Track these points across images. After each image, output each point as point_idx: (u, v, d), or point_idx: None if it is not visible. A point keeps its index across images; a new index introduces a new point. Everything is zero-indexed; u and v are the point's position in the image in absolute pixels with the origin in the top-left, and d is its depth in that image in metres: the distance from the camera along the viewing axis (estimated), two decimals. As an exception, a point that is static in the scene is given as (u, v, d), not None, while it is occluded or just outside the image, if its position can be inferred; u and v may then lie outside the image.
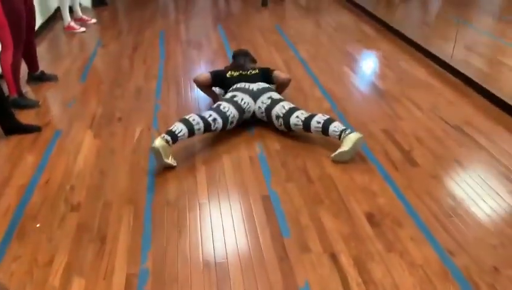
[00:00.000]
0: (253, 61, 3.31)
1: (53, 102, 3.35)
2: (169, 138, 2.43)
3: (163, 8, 5.97)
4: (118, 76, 3.76)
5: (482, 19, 5.45)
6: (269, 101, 2.77)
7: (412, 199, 2.22)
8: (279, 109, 2.71)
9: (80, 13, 5.31)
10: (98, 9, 6.02)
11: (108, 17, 5.70)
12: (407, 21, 5.26)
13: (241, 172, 2.44)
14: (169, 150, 2.44)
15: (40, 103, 3.27)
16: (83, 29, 4.99)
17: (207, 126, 2.57)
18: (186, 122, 2.52)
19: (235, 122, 2.72)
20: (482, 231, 2.01)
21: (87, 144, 2.75)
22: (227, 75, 3.05)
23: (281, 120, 2.69)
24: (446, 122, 2.91)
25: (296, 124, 2.64)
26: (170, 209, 2.17)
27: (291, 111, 2.68)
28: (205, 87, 3.11)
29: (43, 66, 4.00)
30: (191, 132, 2.52)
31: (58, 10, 5.18)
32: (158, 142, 2.38)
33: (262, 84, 2.92)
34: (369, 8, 5.43)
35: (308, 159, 2.53)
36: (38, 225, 2.09)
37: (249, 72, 3.03)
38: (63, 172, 2.48)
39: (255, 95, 2.82)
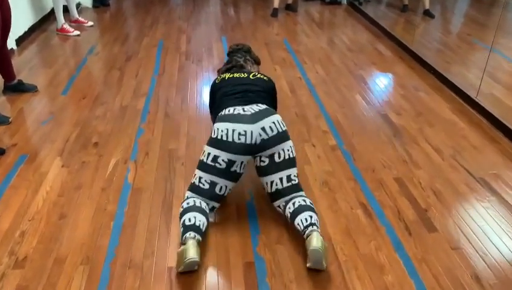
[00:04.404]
0: (257, 61, 2.57)
1: (26, 118, 2.99)
2: (198, 235, 1.84)
3: (167, 14, 5.61)
4: (103, 91, 3.40)
5: (508, 42, 5.02)
6: (267, 160, 2.04)
7: (427, 278, 1.81)
8: (276, 183, 2.04)
9: (75, 14, 4.97)
10: (98, 10, 5.69)
11: (108, 20, 5.35)
12: (428, 43, 4.84)
13: (224, 228, 2.05)
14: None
15: (11, 119, 2.91)
16: (77, 32, 4.64)
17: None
18: (194, 208, 1.94)
19: (231, 188, 2.09)
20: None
21: (52, 174, 2.39)
22: (217, 81, 2.29)
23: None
24: (470, 173, 2.50)
25: (287, 215, 2.01)
26: (132, 273, 1.79)
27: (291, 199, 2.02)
28: None
29: (26, 72, 3.68)
30: (207, 216, 1.96)
31: (53, 10, 4.83)
32: (192, 251, 1.74)
33: (268, 119, 2.02)
34: (386, 26, 5.02)
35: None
36: (-31, 286, 1.73)
37: (251, 75, 2.26)
38: (16, 212, 2.11)
39: (253, 148, 2.00)
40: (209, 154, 2.01)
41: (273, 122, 2.03)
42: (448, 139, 2.83)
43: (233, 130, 1.98)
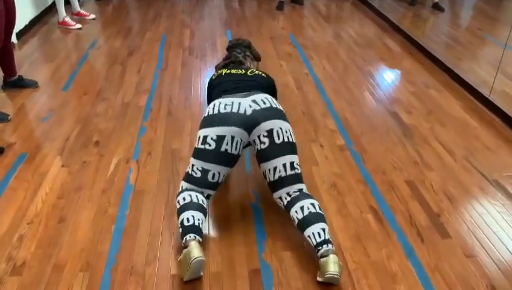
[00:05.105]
0: (257, 58, 2.49)
1: (26, 115, 2.91)
2: (199, 237, 1.75)
3: (170, 7, 5.49)
4: (105, 86, 3.32)
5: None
6: (267, 141, 1.89)
7: (441, 288, 1.73)
8: (279, 169, 1.92)
9: (77, 7, 4.87)
10: (100, 3, 5.59)
11: (110, 13, 5.25)
12: (437, 38, 4.72)
13: (228, 232, 1.97)
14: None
15: (10, 116, 2.84)
16: (78, 26, 4.55)
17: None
18: (191, 205, 1.83)
19: (225, 174, 1.97)
20: None
21: (52, 175, 2.32)
22: (213, 77, 2.20)
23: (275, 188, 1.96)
24: (483, 175, 2.41)
25: (292, 217, 1.87)
26: (134, 281, 1.72)
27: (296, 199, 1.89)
28: None
29: (26, 67, 3.61)
30: (204, 211, 1.87)
31: (55, 2, 4.74)
32: (197, 250, 1.66)
33: (260, 95, 1.97)
34: (394, 20, 4.90)
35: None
36: (-36, 294, 1.66)
37: (249, 72, 2.14)
38: (14, 214, 2.04)
39: (244, 120, 1.88)
40: (199, 137, 1.93)
41: (266, 98, 1.96)
42: (460, 139, 2.74)
43: (219, 103, 1.93)
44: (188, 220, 1.77)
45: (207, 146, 1.88)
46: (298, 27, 4.86)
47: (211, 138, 1.88)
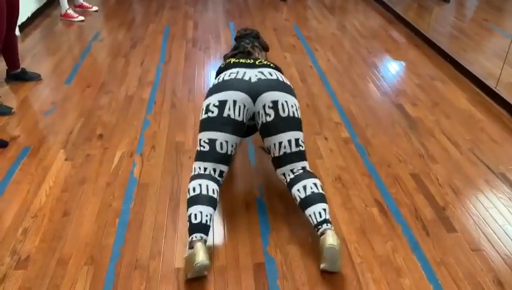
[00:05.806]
0: (265, 48, 2.47)
1: (29, 108, 2.91)
2: (205, 236, 1.72)
3: (173, -2, 5.46)
4: (108, 79, 3.30)
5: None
6: (272, 113, 1.87)
7: (447, 283, 1.72)
8: (285, 145, 1.91)
9: (80, -1, 4.86)
10: (103, -5, 5.56)
11: (113, 5, 5.22)
12: (443, 29, 4.67)
13: (233, 226, 1.96)
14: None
15: (13, 110, 2.83)
16: (81, 18, 4.53)
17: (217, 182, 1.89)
18: (201, 199, 1.79)
19: (237, 146, 1.97)
20: None
21: (55, 168, 2.31)
22: (221, 65, 2.15)
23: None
24: (489, 168, 2.39)
25: (294, 195, 1.89)
26: (138, 274, 1.72)
27: (299, 177, 1.90)
28: None
29: (29, 60, 3.60)
30: (214, 203, 1.82)
31: (57, -5, 4.72)
32: (202, 254, 1.63)
33: (269, 70, 1.97)
34: (399, 11, 4.85)
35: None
36: (-30, 288, 1.67)
37: (257, 62, 2.05)
38: (18, 208, 2.04)
39: (248, 86, 1.86)
40: (202, 109, 1.92)
41: (274, 72, 1.94)
42: (466, 132, 2.71)
43: (225, 74, 1.92)
44: (195, 216, 1.74)
45: (210, 114, 1.87)
46: (302, 18, 4.82)
47: (213, 105, 1.86)
